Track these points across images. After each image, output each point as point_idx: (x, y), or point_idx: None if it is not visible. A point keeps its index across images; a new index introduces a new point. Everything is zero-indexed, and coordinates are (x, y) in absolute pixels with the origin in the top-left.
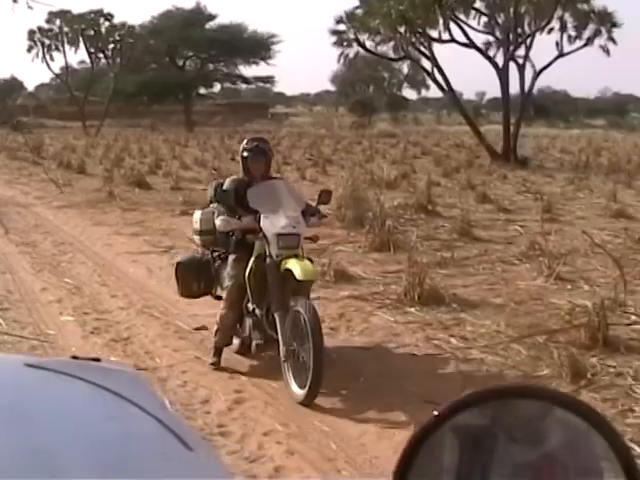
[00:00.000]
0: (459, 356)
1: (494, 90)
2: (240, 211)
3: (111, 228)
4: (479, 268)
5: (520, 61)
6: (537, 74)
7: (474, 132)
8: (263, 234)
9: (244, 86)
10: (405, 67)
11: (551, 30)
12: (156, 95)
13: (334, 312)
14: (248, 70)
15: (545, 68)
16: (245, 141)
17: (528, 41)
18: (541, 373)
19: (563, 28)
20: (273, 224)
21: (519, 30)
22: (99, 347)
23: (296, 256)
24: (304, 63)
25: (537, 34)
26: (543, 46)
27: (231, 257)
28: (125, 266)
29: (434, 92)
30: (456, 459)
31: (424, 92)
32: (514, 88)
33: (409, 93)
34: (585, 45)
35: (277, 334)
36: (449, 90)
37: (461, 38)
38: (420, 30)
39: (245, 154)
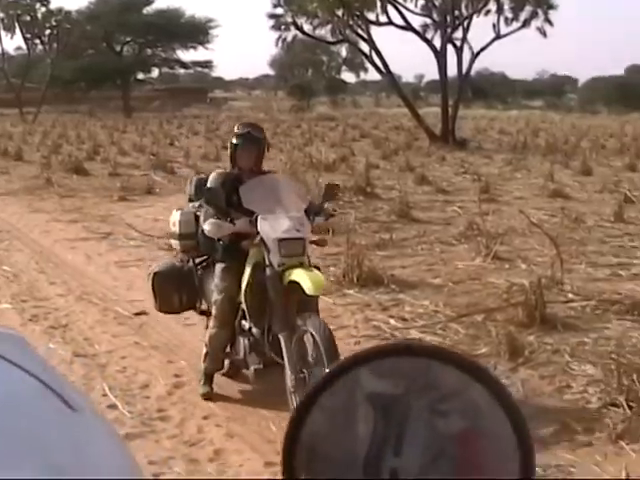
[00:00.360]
0: (398, 336)
1: (433, 73)
2: (232, 212)
3: (49, 215)
4: (418, 249)
5: (458, 43)
6: (474, 56)
7: (413, 114)
8: (261, 239)
9: (182, 71)
10: (344, 50)
11: (488, 12)
12: (94, 81)
13: None
14: (186, 55)
15: (482, 50)
16: (237, 126)
17: (465, 23)
18: (479, 351)
19: (500, 10)
20: (273, 227)
21: (456, 12)
22: (38, 334)
23: (301, 264)
24: (243, 47)
25: (474, 16)
26: (480, 28)
27: (219, 266)
28: (63, 253)
29: (373, 75)
30: (370, 429)
31: (363, 75)
32: (452, 70)
33: (348, 76)
34: (522, 27)
35: (281, 358)
36: (387, 73)
37: (399, 21)
38: (358, 13)
39: (234, 141)
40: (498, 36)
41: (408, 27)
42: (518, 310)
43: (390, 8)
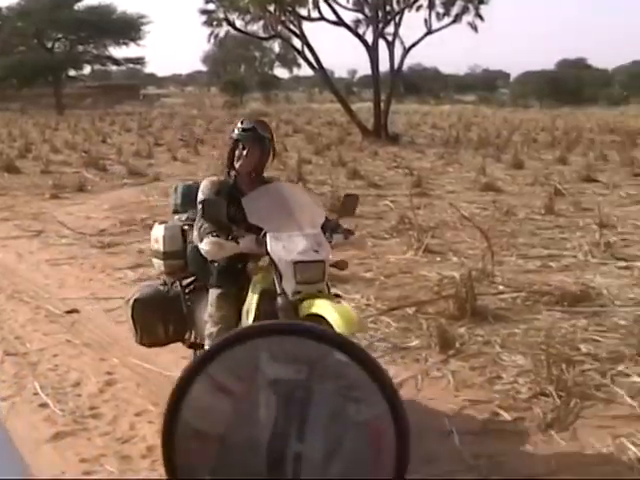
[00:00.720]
0: None
1: (365, 68)
2: (235, 229)
3: None
4: None
5: (389, 38)
6: (406, 51)
7: (345, 110)
8: (272, 262)
9: (114, 68)
10: (276, 46)
11: (420, 7)
12: (25, 78)
13: None
14: (118, 51)
15: (414, 45)
16: (241, 120)
17: (397, 18)
18: (410, 344)
19: (431, 5)
20: (286, 247)
21: (388, 7)
22: None
23: (320, 293)
24: (175, 44)
25: (406, 11)
26: (412, 23)
27: (214, 292)
28: None
29: (306, 71)
30: (272, 415)
31: (296, 71)
32: (385, 66)
33: (281, 72)
34: (453, 22)
35: None
36: (320, 68)
37: (331, 16)
38: (290, 8)
39: (235, 136)
40: (430, 31)
41: (340, 22)
42: (449, 303)
43: (322, 3)
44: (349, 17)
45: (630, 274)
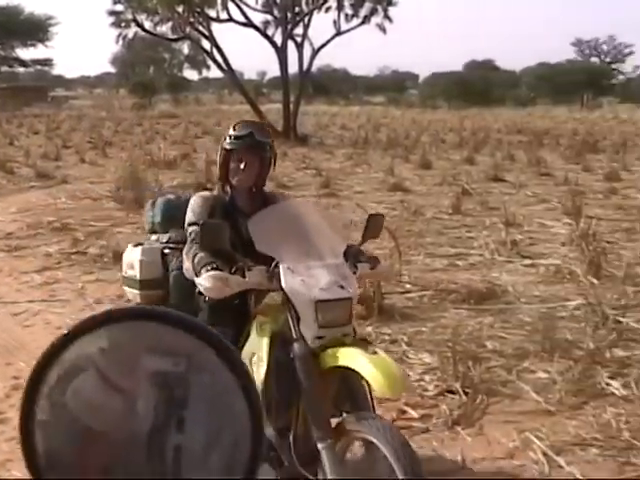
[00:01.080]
0: None
1: (275, 69)
2: (240, 258)
3: None
4: None
5: (298, 40)
6: (315, 52)
7: (255, 111)
8: (286, 300)
9: (22, 69)
10: (185, 47)
11: (328, 9)
12: None
13: (113, 294)
14: (25, 53)
15: (323, 47)
16: (233, 125)
17: (306, 20)
18: None
19: (340, 7)
20: (306, 282)
21: (297, 9)
22: None
23: (345, 337)
24: (83, 45)
25: (315, 12)
26: (321, 25)
27: None
28: None
29: (215, 72)
30: (151, 406)
31: (205, 72)
32: (294, 67)
33: (190, 74)
34: (362, 23)
35: (314, 475)
36: (229, 70)
37: (240, 17)
38: (198, 9)
39: (228, 146)
40: (339, 32)
41: (249, 24)
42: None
43: (231, 5)
44: (258, 18)
45: (535, 272)
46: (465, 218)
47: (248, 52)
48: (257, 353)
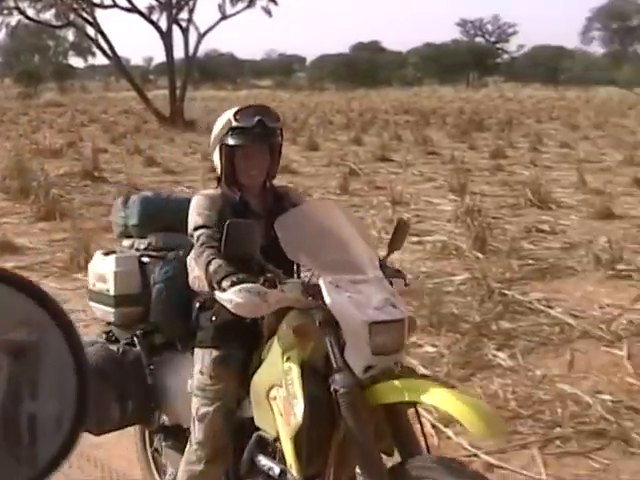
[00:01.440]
0: None
1: (162, 55)
2: (271, 268)
3: None
4: None
5: (184, 24)
6: (200, 37)
7: (141, 98)
8: (327, 321)
9: None
10: (70, 35)
11: None
12: None
13: None
14: None
15: (208, 31)
16: (233, 114)
17: (191, 4)
18: None
19: None
20: (355, 300)
21: None
22: None
23: (396, 367)
24: None
25: None
26: (207, 9)
27: (208, 354)
28: None
29: (101, 59)
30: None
31: (91, 60)
32: (181, 52)
33: (76, 61)
34: (247, 7)
35: None
36: (114, 56)
37: (124, 3)
38: None
39: (232, 141)
40: (224, 16)
41: (133, 9)
42: None
43: None
44: (143, 4)
45: (422, 248)
46: (353, 198)
47: (134, 38)
48: (283, 387)
